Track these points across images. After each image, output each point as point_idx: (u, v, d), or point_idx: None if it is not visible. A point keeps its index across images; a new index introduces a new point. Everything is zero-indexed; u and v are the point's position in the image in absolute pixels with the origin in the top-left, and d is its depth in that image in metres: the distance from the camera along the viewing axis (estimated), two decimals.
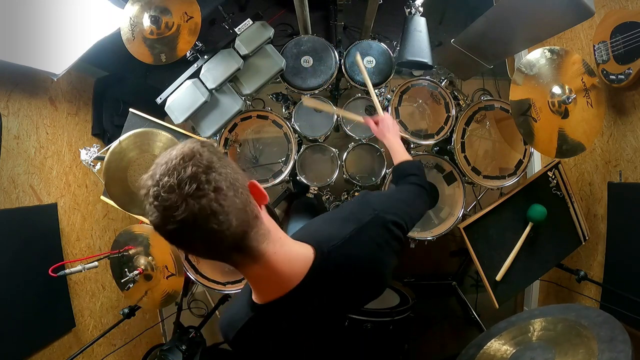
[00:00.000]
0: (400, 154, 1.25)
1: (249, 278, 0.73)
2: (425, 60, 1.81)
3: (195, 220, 0.57)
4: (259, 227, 0.67)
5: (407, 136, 1.85)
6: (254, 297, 0.76)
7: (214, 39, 1.87)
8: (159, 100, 1.81)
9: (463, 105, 2.02)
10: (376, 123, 1.38)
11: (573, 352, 1.23)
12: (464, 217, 1.92)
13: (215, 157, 0.61)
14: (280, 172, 1.87)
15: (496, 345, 1.50)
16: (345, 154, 1.92)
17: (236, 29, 1.77)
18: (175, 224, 0.57)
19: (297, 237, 0.78)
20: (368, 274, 0.82)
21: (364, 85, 1.90)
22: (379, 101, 1.47)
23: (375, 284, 0.86)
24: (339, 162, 1.91)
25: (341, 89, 2.32)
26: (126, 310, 1.74)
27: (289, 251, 0.73)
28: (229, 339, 0.79)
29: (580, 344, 1.23)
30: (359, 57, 1.61)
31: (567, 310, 1.43)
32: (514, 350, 1.42)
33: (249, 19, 1.78)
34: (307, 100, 1.74)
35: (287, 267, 0.71)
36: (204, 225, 0.58)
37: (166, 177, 0.57)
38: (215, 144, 0.64)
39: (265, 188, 0.70)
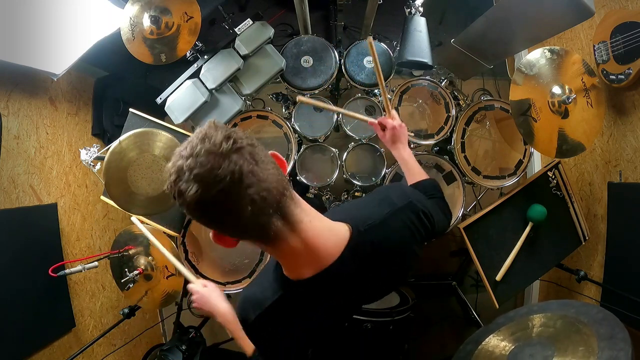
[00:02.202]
0: (414, 171, 1.14)
1: (283, 253, 0.70)
2: (425, 60, 1.81)
3: (242, 171, 0.56)
4: (291, 192, 0.66)
5: (412, 139, 1.83)
6: (286, 273, 0.73)
7: (214, 39, 1.87)
8: (159, 100, 1.81)
9: (463, 105, 2.02)
10: (383, 126, 1.21)
11: (573, 349, 1.22)
12: (464, 217, 1.93)
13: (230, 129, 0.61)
14: None
15: (495, 341, 1.50)
16: (345, 154, 1.92)
17: (236, 29, 1.77)
18: (222, 183, 0.55)
19: (329, 216, 0.76)
20: (398, 255, 0.82)
21: (364, 85, 1.91)
22: (387, 98, 1.27)
23: (402, 269, 0.86)
24: (339, 162, 1.91)
25: (341, 89, 2.32)
26: (126, 310, 1.74)
27: (324, 225, 0.71)
28: (250, 319, 0.73)
29: (580, 341, 1.23)
30: (370, 39, 1.23)
31: (566, 307, 1.42)
32: (513, 347, 1.41)
33: (249, 19, 1.78)
34: (304, 99, 1.65)
35: (322, 242, 0.69)
36: (252, 177, 0.57)
37: (199, 146, 0.56)
38: None
39: None
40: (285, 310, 0.73)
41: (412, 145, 1.93)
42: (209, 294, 1.10)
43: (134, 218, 1.48)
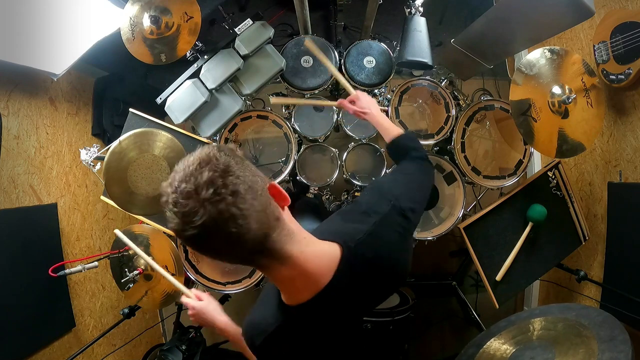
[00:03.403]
0: (390, 130, 1.18)
1: (277, 281, 0.73)
2: (425, 60, 1.81)
3: (214, 224, 0.57)
4: (282, 229, 0.66)
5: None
6: (284, 299, 0.74)
7: (214, 39, 1.87)
8: (159, 100, 1.81)
9: (463, 105, 2.02)
10: (352, 103, 1.30)
11: (573, 351, 1.23)
12: (464, 217, 1.93)
13: (232, 160, 0.60)
14: (280, 172, 1.87)
15: (496, 344, 1.50)
16: (345, 154, 1.92)
17: (236, 29, 1.77)
18: (195, 229, 0.57)
19: (317, 235, 0.77)
20: (393, 263, 0.82)
21: (364, 85, 1.91)
22: (345, 79, 1.38)
23: (399, 273, 0.86)
24: (339, 162, 1.91)
25: (341, 89, 2.32)
26: (126, 310, 1.74)
27: (315, 250, 0.72)
28: (255, 344, 0.76)
29: (580, 343, 1.23)
30: (309, 42, 1.47)
31: (567, 310, 1.43)
32: (514, 350, 1.42)
33: (249, 19, 1.78)
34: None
35: (315, 266, 0.70)
36: (224, 230, 0.58)
37: (184, 184, 0.57)
38: (234, 148, 0.65)
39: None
40: (288, 336, 0.75)
41: None
42: (205, 309, 1.07)
43: (117, 231, 1.45)
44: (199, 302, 1.09)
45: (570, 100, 1.48)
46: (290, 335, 0.75)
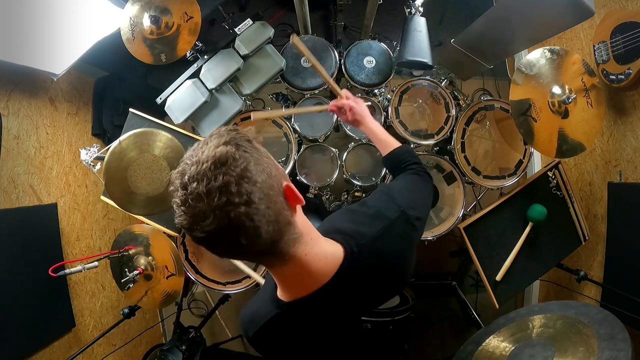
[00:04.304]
0: (387, 141, 1.13)
1: (277, 276, 0.73)
2: (425, 60, 1.81)
3: (224, 232, 0.56)
4: (291, 233, 0.65)
5: (407, 136, 1.84)
6: (279, 294, 0.75)
7: (214, 39, 1.87)
8: (159, 100, 1.81)
9: (463, 105, 2.03)
10: (342, 109, 1.20)
11: (573, 349, 1.22)
12: (464, 217, 1.93)
13: (252, 158, 0.57)
14: None
15: (495, 342, 1.50)
16: (345, 154, 1.92)
17: (236, 29, 1.77)
18: (203, 233, 0.56)
19: (322, 231, 0.77)
20: (395, 270, 0.82)
21: (364, 85, 1.91)
22: (327, 76, 1.28)
23: (399, 280, 0.86)
24: (339, 162, 1.91)
25: (341, 89, 2.32)
26: (126, 310, 1.73)
27: (319, 252, 0.71)
28: (249, 335, 0.78)
29: (580, 341, 1.23)
30: (296, 39, 1.20)
31: (566, 307, 1.42)
32: (513, 347, 1.42)
33: (249, 19, 1.78)
34: (256, 115, 1.55)
35: (316, 267, 0.70)
36: (232, 238, 0.57)
37: (195, 183, 0.54)
38: (252, 136, 0.64)
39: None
40: (279, 329, 0.76)
41: (412, 146, 1.93)
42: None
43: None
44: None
45: (570, 100, 1.48)
46: (281, 328, 0.76)
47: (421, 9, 1.85)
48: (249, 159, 0.57)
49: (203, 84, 1.76)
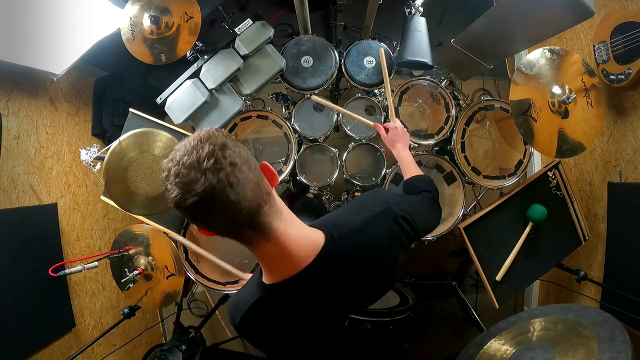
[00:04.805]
0: (410, 168, 1.25)
1: (260, 257, 0.76)
2: (425, 60, 1.81)
3: (214, 191, 0.61)
4: (272, 204, 0.71)
5: (412, 139, 1.84)
6: (263, 278, 0.78)
7: (214, 39, 1.87)
8: (159, 100, 1.81)
9: (463, 105, 2.02)
10: (387, 130, 1.38)
11: (573, 352, 1.23)
12: (464, 217, 1.93)
13: (228, 139, 0.66)
14: (280, 172, 1.87)
15: (496, 345, 1.50)
16: (345, 154, 1.92)
17: (236, 29, 1.77)
18: (195, 197, 0.61)
19: (308, 223, 0.80)
20: (375, 263, 0.83)
21: (364, 85, 1.91)
22: (392, 104, 1.52)
23: (382, 276, 0.87)
24: (339, 162, 1.91)
25: (341, 89, 2.32)
26: (126, 310, 1.74)
27: (300, 233, 0.75)
28: (236, 322, 0.81)
29: (580, 343, 1.23)
30: (382, 52, 1.61)
31: (567, 310, 1.43)
32: (514, 350, 1.42)
33: (249, 19, 1.78)
34: (315, 97, 1.67)
35: (296, 247, 0.73)
36: (222, 196, 0.62)
37: (186, 157, 0.62)
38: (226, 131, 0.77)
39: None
40: (262, 312, 0.79)
41: (412, 146, 1.93)
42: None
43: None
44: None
45: (570, 100, 1.48)
46: (264, 311, 0.78)
47: (421, 9, 1.85)
48: (226, 138, 0.66)
49: (203, 84, 1.76)
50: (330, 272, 0.77)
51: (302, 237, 0.75)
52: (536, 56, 1.51)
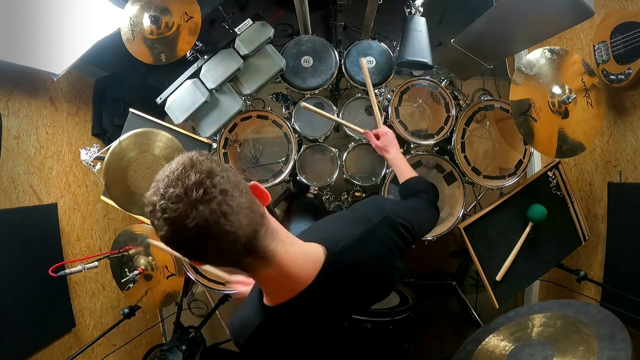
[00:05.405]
0: (405, 171, 1.24)
1: (261, 281, 0.74)
2: (425, 60, 1.81)
3: (207, 224, 0.57)
4: (267, 226, 0.67)
5: (412, 139, 1.85)
6: (265, 300, 0.76)
7: (214, 39, 1.87)
8: (159, 100, 1.81)
9: (463, 105, 2.02)
10: (377, 136, 1.37)
11: (573, 349, 1.22)
12: (464, 217, 1.92)
13: (213, 163, 0.61)
14: (280, 172, 1.87)
15: (494, 341, 1.50)
16: (345, 154, 1.92)
17: (236, 29, 1.77)
18: (188, 233, 0.56)
19: (305, 237, 0.78)
20: (377, 274, 0.83)
21: (364, 85, 1.91)
22: (379, 111, 1.48)
23: (383, 285, 0.87)
24: (339, 162, 1.91)
25: (341, 89, 2.32)
26: (126, 310, 1.74)
27: (299, 251, 0.73)
28: (240, 343, 0.78)
29: (580, 341, 1.23)
30: (364, 63, 1.52)
31: (566, 307, 1.42)
32: (513, 347, 1.41)
33: (249, 19, 1.78)
34: (305, 104, 1.68)
35: (297, 268, 0.71)
36: (217, 229, 0.58)
37: (171, 189, 0.56)
38: (210, 154, 0.71)
39: (265, 188, 0.71)
40: (267, 335, 0.76)
41: (412, 146, 1.93)
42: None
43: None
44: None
45: (570, 100, 1.48)
46: (271, 333, 0.76)
47: (421, 9, 1.85)
48: (212, 163, 0.61)
49: (203, 84, 1.76)
50: (333, 288, 0.75)
51: (302, 255, 0.73)
52: (536, 56, 1.51)
